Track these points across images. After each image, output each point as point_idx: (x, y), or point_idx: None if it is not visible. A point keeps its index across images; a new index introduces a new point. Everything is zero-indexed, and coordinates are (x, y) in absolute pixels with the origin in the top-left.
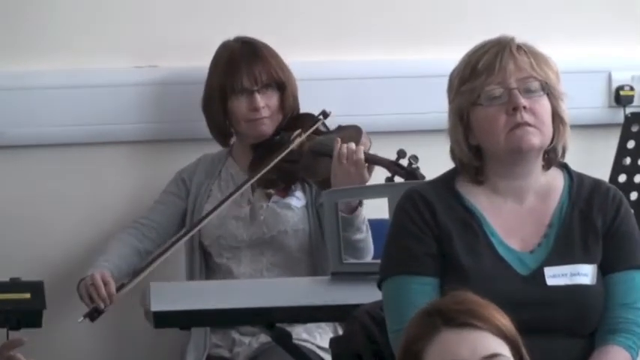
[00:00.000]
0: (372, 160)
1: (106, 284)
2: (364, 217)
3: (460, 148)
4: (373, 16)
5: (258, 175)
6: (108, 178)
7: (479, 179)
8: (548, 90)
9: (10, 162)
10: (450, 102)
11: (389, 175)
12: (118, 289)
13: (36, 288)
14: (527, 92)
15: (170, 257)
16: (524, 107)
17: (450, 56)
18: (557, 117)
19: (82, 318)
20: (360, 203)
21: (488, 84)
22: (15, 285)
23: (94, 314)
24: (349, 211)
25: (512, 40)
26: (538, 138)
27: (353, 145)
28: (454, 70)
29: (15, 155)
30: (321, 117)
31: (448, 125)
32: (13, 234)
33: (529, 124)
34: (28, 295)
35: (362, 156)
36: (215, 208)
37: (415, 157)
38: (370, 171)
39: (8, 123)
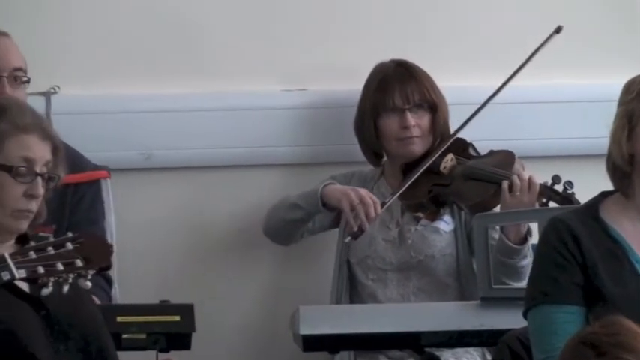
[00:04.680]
0: None
1: (374, 203)
2: (530, 242)
3: (618, 150)
4: (528, 41)
5: (395, 197)
6: (258, 201)
7: (627, 192)
8: None
9: (159, 184)
10: (622, 104)
11: (544, 200)
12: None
13: (186, 310)
14: None
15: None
16: None
17: (608, 82)
18: None
19: (348, 238)
20: (529, 232)
21: None
22: (165, 307)
23: (358, 234)
24: (520, 241)
25: None
26: None
27: (526, 175)
28: (638, 77)
29: (163, 177)
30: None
31: (612, 127)
32: (162, 256)
33: None
34: (177, 318)
35: (538, 187)
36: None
37: (570, 183)
38: None
39: (157, 145)
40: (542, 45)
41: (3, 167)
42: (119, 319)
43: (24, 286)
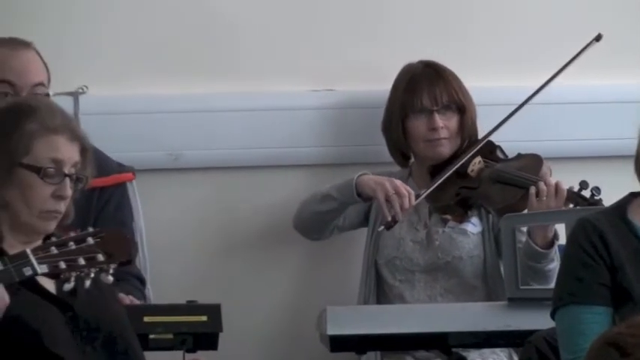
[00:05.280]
0: None
1: (409, 194)
2: (556, 246)
3: None
4: (559, 43)
5: (431, 189)
6: (286, 202)
7: None
8: None
9: (187, 185)
10: None
11: (571, 205)
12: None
13: (213, 311)
14: None
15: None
16: None
17: (638, 82)
18: None
19: (381, 227)
20: (556, 236)
21: None
22: (192, 307)
23: (391, 224)
24: (547, 245)
25: None
26: None
27: (552, 181)
28: None
29: (192, 178)
30: (499, 144)
31: None
32: (190, 256)
33: None
34: (204, 318)
35: (565, 192)
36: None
37: (597, 189)
38: None
39: (185, 145)
40: (580, 52)
41: (31, 168)
42: (146, 319)
43: (50, 287)
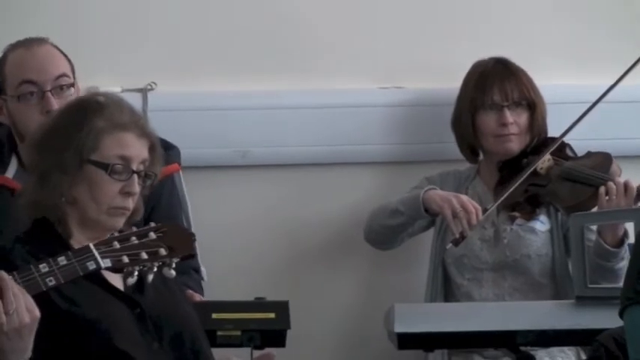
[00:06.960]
0: None
1: (476, 210)
2: (626, 245)
3: None
4: (622, 40)
5: (497, 202)
6: (354, 199)
7: None
8: None
9: (256, 181)
10: None
11: None
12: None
13: (281, 308)
14: None
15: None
16: None
17: None
18: None
19: (449, 245)
20: (626, 234)
21: None
22: (260, 305)
23: (459, 241)
24: (617, 243)
25: None
26: None
27: (622, 179)
28: None
29: (259, 175)
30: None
31: None
32: (256, 252)
33: None
34: (272, 315)
35: (635, 191)
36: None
37: None
38: None
39: (254, 142)
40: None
41: (99, 165)
42: (214, 315)
43: (118, 284)
